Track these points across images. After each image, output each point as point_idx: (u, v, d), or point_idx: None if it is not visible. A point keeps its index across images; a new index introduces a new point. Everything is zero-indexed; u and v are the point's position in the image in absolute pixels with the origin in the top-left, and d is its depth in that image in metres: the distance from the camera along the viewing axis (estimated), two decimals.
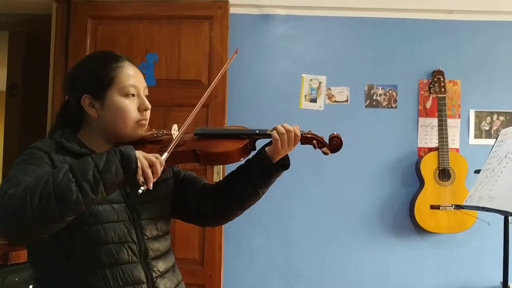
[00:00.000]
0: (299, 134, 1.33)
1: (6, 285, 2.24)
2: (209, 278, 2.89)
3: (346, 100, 3.19)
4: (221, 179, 2.87)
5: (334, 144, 1.34)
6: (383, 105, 3.18)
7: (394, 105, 3.18)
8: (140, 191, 1.13)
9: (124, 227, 1.25)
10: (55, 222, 1.08)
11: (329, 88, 3.19)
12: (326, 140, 1.35)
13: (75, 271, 1.20)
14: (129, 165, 1.11)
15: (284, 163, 1.37)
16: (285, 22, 3.22)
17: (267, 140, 1.37)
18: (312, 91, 3.19)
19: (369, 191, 3.15)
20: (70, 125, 1.34)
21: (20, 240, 1.22)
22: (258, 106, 3.18)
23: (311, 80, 3.19)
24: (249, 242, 3.13)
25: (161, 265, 1.31)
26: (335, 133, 1.35)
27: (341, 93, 3.19)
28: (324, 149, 1.34)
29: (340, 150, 1.34)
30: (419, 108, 3.18)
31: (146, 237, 1.29)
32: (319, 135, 1.36)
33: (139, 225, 1.28)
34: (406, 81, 3.19)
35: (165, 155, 1.20)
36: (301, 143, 1.35)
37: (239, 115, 3.14)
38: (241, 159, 1.35)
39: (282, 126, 1.33)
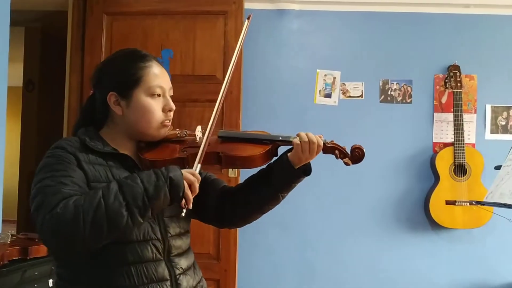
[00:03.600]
0: (321, 144, 1.33)
1: (26, 279, 2.27)
2: (224, 273, 2.91)
3: (361, 95, 3.18)
4: (236, 176, 2.92)
5: (356, 155, 1.34)
6: (398, 100, 3.17)
7: (409, 100, 3.17)
8: (183, 214, 1.18)
9: (148, 225, 1.25)
10: (104, 242, 1.14)
11: (344, 83, 3.18)
12: (348, 150, 1.35)
13: (100, 268, 1.21)
14: (177, 192, 1.15)
15: (306, 169, 1.37)
16: (300, 17, 3.21)
17: (289, 146, 1.36)
18: (327, 86, 3.18)
19: (384, 187, 3.15)
20: (94, 121, 1.36)
21: (64, 254, 1.24)
22: (272, 101, 3.18)
23: (325, 75, 3.18)
24: (264, 237, 3.14)
25: (183, 262, 1.32)
26: (357, 144, 1.35)
27: (356, 88, 3.18)
28: (346, 159, 1.34)
29: (361, 162, 1.34)
30: (435, 103, 3.16)
31: (169, 235, 1.30)
32: (342, 146, 1.35)
33: (162, 223, 1.29)
34: (421, 76, 3.17)
35: (199, 166, 1.23)
36: (323, 153, 1.35)
37: (254, 111, 3.14)
38: (263, 164, 1.35)
39: (306, 134, 1.33)
